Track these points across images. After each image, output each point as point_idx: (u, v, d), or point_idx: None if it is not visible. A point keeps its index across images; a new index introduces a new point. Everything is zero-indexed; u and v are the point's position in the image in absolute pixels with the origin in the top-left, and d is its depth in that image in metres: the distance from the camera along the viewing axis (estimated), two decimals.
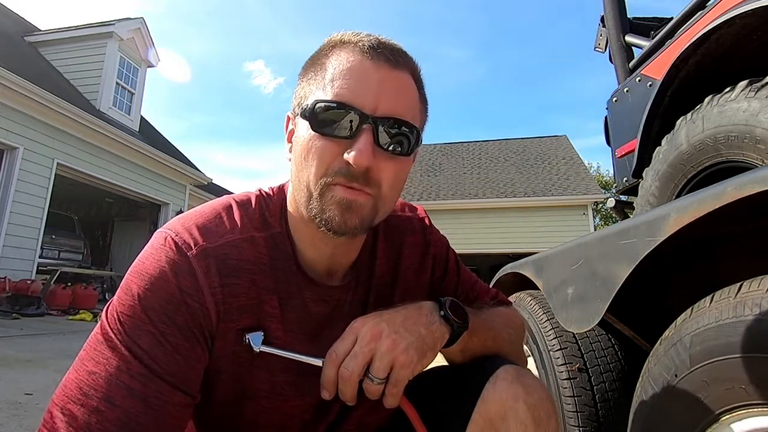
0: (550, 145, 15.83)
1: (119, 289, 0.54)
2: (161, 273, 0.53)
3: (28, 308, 5.51)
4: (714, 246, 0.91)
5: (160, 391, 0.49)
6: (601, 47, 2.28)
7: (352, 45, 0.57)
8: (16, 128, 6.39)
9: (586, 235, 1.09)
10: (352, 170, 0.53)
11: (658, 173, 1.62)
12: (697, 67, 1.51)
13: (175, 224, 0.58)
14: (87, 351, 0.51)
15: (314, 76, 0.58)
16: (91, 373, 0.49)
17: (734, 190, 0.62)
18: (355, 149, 0.52)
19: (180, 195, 10.34)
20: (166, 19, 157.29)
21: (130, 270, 0.55)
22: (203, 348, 0.54)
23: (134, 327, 0.50)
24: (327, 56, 0.58)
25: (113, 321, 0.51)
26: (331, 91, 0.55)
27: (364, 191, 0.55)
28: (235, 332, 0.57)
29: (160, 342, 0.50)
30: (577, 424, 1.13)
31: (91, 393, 0.47)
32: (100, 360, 0.49)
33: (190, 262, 0.54)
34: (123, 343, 0.50)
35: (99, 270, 9.39)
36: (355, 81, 0.55)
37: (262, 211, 0.63)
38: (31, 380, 2.51)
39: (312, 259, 0.64)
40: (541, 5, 71.94)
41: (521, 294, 1.57)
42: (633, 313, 1.05)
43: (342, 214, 0.55)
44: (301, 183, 0.57)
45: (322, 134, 0.54)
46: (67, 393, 0.48)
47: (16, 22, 9.34)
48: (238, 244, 0.58)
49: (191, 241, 0.55)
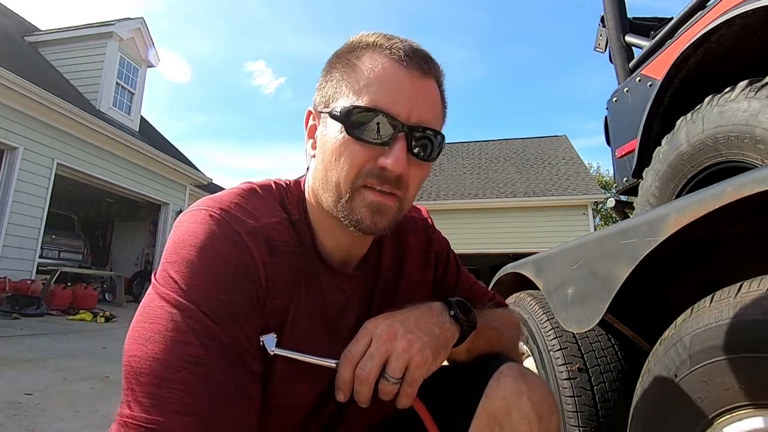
0: (550, 145, 15.83)
1: (172, 264, 0.51)
2: (224, 246, 0.53)
3: (28, 308, 5.51)
4: (714, 246, 0.91)
5: (245, 359, 0.50)
6: (601, 47, 2.28)
7: (387, 50, 0.58)
8: (16, 128, 6.39)
9: (586, 235, 1.09)
10: (386, 174, 0.56)
11: (658, 173, 1.62)
12: (697, 67, 1.51)
13: (214, 204, 0.57)
14: (161, 323, 0.48)
15: (346, 77, 0.59)
16: (184, 342, 0.46)
17: (734, 190, 0.62)
18: (392, 156, 0.55)
19: (180, 195, 10.34)
20: (166, 19, 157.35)
21: (177, 244, 0.53)
22: (260, 319, 0.56)
23: (208, 297, 0.49)
24: (359, 57, 0.59)
25: (182, 291, 0.49)
26: (366, 96, 0.56)
27: (394, 193, 0.58)
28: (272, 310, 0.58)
29: (234, 311, 0.50)
30: (577, 424, 1.13)
31: (196, 360, 0.46)
32: (186, 329, 0.47)
33: (244, 239, 0.54)
34: (203, 312, 0.48)
35: (99, 270, 9.38)
36: (390, 89, 0.56)
37: (282, 198, 0.65)
38: (31, 380, 2.51)
39: (330, 248, 0.66)
40: (541, 5, 71.97)
41: (521, 294, 1.57)
42: (633, 313, 1.05)
43: (372, 216, 0.58)
44: (329, 182, 0.59)
45: (357, 138, 0.56)
46: (166, 364, 0.45)
47: (16, 22, 9.34)
48: (275, 226, 0.59)
49: (239, 219, 0.56)
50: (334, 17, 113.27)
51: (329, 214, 0.61)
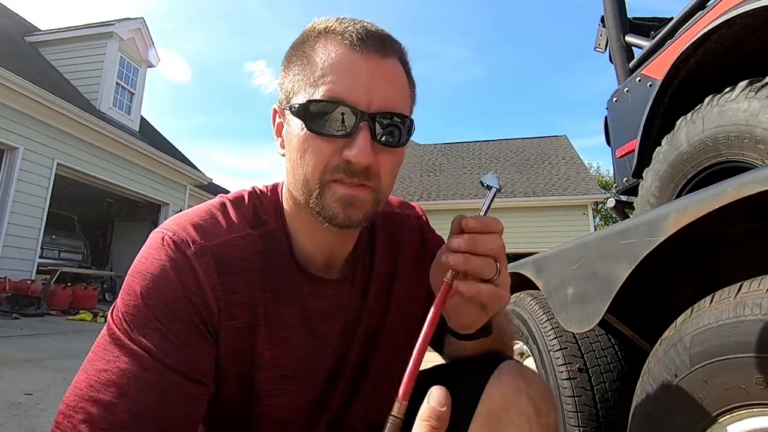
0: (550, 145, 15.83)
1: (122, 291, 0.54)
2: (162, 271, 0.53)
3: (28, 308, 5.51)
4: (714, 246, 0.91)
5: (173, 381, 0.50)
6: (601, 47, 2.28)
7: (339, 36, 0.55)
8: (16, 128, 6.39)
9: (586, 235, 1.09)
10: (352, 167, 0.54)
11: (658, 173, 1.62)
12: (697, 67, 1.51)
13: (171, 224, 0.58)
14: (95, 353, 0.51)
15: (301, 70, 0.56)
16: (102, 371, 0.49)
17: (734, 190, 0.62)
18: (355, 148, 0.53)
19: (180, 195, 10.34)
20: (166, 18, 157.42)
21: (130, 271, 0.55)
22: (209, 342, 0.55)
23: (140, 325, 0.51)
24: (313, 48, 0.56)
25: (119, 321, 0.52)
26: (322, 88, 0.53)
27: (365, 185, 0.56)
28: (234, 330, 0.58)
29: (167, 337, 0.51)
30: (577, 424, 1.13)
31: (103, 389, 0.48)
32: (110, 359, 0.50)
33: (190, 260, 0.54)
34: (132, 340, 0.50)
35: (99, 270, 9.39)
36: (346, 76, 0.53)
37: (255, 208, 0.64)
38: (31, 380, 2.51)
39: (310, 252, 0.64)
40: (541, 4, 71.98)
41: (521, 294, 1.57)
42: (633, 313, 1.05)
43: (345, 210, 0.55)
44: (298, 180, 0.57)
45: (317, 133, 0.54)
46: (78, 393, 0.49)
47: (16, 22, 9.34)
48: (234, 243, 0.58)
49: (189, 240, 0.56)
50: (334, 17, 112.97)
51: (307, 214, 0.59)
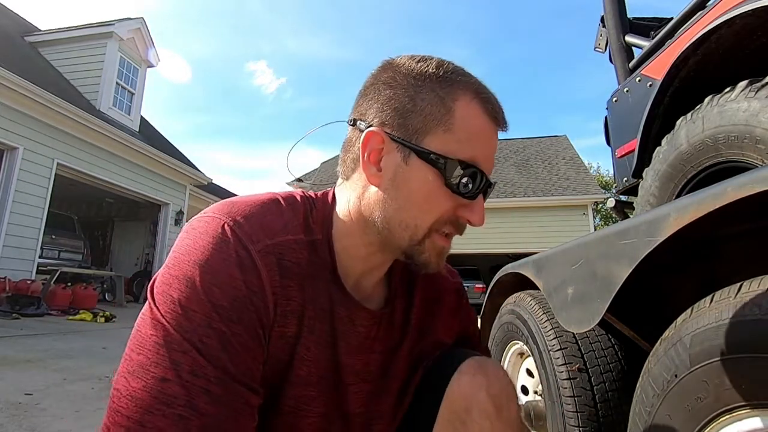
0: (550, 145, 15.83)
1: (173, 278, 0.49)
2: (226, 266, 0.49)
3: (28, 308, 5.51)
4: (714, 246, 0.91)
5: (237, 393, 0.47)
6: (601, 47, 2.28)
7: (483, 102, 0.57)
8: (16, 128, 6.39)
9: (586, 235, 1.08)
10: (463, 226, 0.59)
11: (658, 173, 1.62)
12: (697, 67, 1.51)
13: (229, 212, 0.54)
14: (147, 356, 0.46)
15: (438, 116, 0.55)
16: (163, 380, 0.45)
17: (734, 190, 0.62)
18: (477, 213, 0.58)
19: (180, 195, 10.34)
20: (166, 18, 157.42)
21: (180, 257, 0.50)
22: (264, 348, 0.52)
23: (202, 324, 0.47)
24: (454, 99, 0.56)
25: (173, 316, 0.47)
26: (469, 151, 0.55)
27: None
28: (282, 338, 0.55)
29: (230, 341, 0.48)
30: (577, 424, 1.13)
31: (171, 401, 0.44)
32: (168, 365, 0.45)
33: (254, 259, 0.51)
34: (192, 343, 0.46)
35: (99, 270, 9.38)
36: (485, 146, 0.58)
37: (306, 214, 0.61)
38: (31, 380, 2.51)
39: (347, 268, 0.62)
40: (541, 4, 72.00)
41: (521, 294, 1.57)
42: (633, 313, 1.05)
43: (437, 259, 0.60)
44: (403, 222, 0.57)
45: (451, 190, 0.56)
46: (142, 405, 0.44)
47: (16, 22, 9.34)
48: (290, 245, 0.56)
49: (254, 236, 0.52)
50: (334, 16, 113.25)
51: (369, 236, 0.60)
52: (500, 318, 1.71)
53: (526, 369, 1.60)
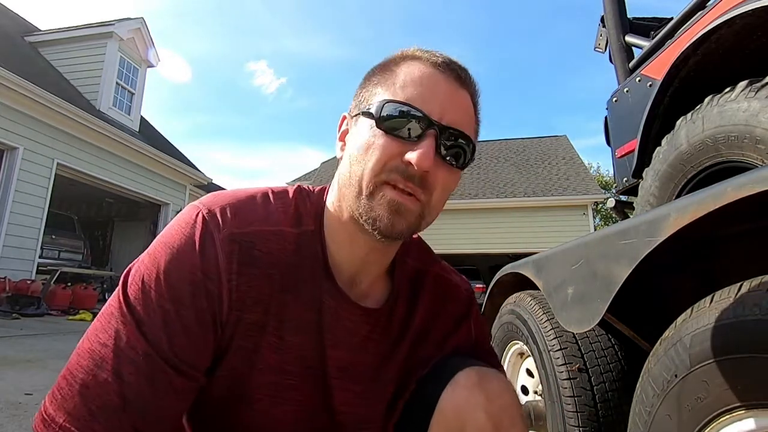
0: (550, 145, 15.84)
1: (147, 255, 0.54)
2: (189, 250, 0.53)
3: (28, 308, 5.51)
4: (714, 246, 0.91)
5: (162, 371, 0.50)
6: (601, 47, 2.28)
7: (425, 59, 0.59)
8: (16, 128, 6.39)
9: (586, 235, 1.09)
10: (410, 170, 0.54)
11: (658, 173, 1.62)
12: (697, 67, 1.51)
13: (210, 201, 0.57)
14: (101, 321, 0.52)
15: (383, 81, 0.59)
16: (103, 345, 0.50)
17: (734, 190, 0.62)
18: (419, 151, 0.53)
19: (180, 195, 10.34)
20: (166, 18, 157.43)
21: (160, 237, 0.55)
22: (213, 335, 0.54)
23: (153, 302, 0.51)
24: (398, 65, 0.60)
25: (133, 291, 0.52)
26: (402, 95, 0.56)
27: (416, 196, 0.55)
28: (243, 325, 0.56)
29: (173, 322, 0.50)
30: (577, 424, 1.13)
31: (102, 364, 0.49)
32: (111, 333, 0.50)
33: (216, 245, 0.53)
34: (135, 317, 0.50)
35: (99, 270, 9.39)
36: (425, 89, 0.56)
37: (297, 206, 0.62)
38: (31, 380, 2.51)
39: (341, 261, 0.62)
40: (541, 4, 72.00)
41: (521, 294, 1.57)
42: (633, 313, 1.05)
43: (390, 215, 0.54)
44: (353, 178, 0.57)
45: (386, 131, 0.55)
46: (80, 362, 0.50)
47: (16, 22, 9.34)
48: (265, 236, 0.57)
49: (221, 222, 0.55)
50: (334, 16, 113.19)
51: (348, 221, 0.59)
52: (500, 318, 1.71)
53: (526, 369, 1.61)
